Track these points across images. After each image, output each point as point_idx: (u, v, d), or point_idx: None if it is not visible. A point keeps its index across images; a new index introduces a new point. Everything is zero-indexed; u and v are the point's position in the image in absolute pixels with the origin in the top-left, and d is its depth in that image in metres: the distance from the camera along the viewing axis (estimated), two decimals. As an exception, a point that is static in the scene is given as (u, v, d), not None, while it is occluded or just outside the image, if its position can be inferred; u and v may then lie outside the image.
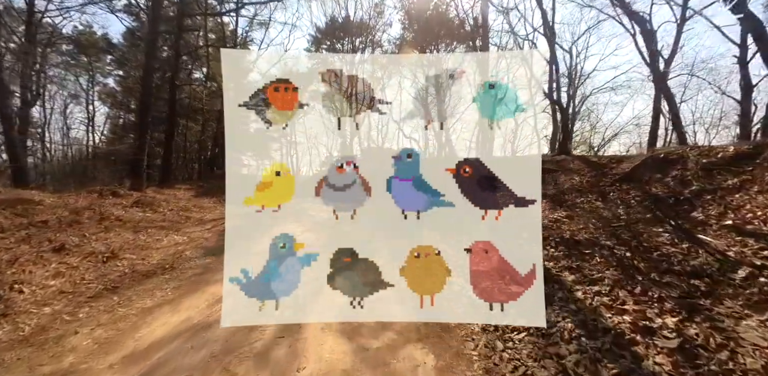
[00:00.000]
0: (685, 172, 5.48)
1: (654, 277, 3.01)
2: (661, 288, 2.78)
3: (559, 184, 8.05)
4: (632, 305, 2.57)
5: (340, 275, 1.93)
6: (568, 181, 7.97)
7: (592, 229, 4.75)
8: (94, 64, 19.77)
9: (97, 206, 6.36)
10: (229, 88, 2.59)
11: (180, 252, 5.22)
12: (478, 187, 1.89)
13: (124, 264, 4.40)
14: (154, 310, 3.29)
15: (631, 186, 6.11)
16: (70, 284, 3.70)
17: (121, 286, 3.83)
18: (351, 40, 18.30)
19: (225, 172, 2.12)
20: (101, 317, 3.15)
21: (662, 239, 4.02)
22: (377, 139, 14.99)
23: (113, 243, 4.91)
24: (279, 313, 1.90)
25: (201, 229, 7.27)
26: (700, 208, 4.62)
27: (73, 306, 3.32)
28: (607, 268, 3.36)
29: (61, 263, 3.96)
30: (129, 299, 3.55)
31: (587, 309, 2.68)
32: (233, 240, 2.06)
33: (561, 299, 2.96)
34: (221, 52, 2.26)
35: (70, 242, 4.43)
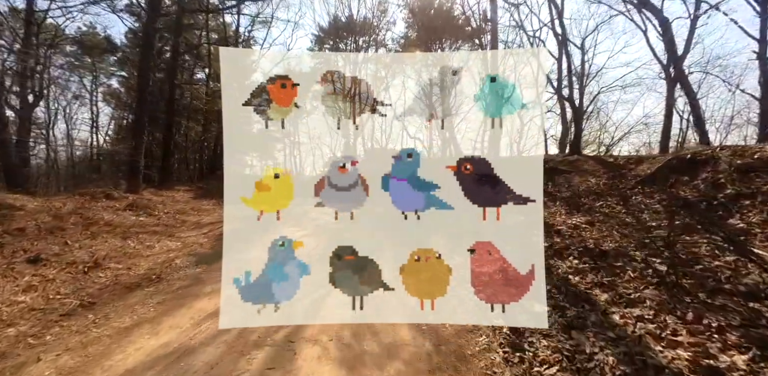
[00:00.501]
0: (716, 174, 5.03)
1: (703, 298, 2.59)
2: (717, 313, 2.36)
3: (573, 186, 7.61)
4: (686, 335, 2.16)
5: (340, 273, 1.92)
6: (583, 183, 7.52)
7: (618, 237, 4.32)
8: (98, 65, 19.66)
9: (85, 210, 6.03)
10: (228, 87, 2.42)
11: (170, 260, 4.87)
12: (479, 184, 1.89)
13: (107, 275, 4.05)
14: (132, 331, 2.93)
15: (655, 189, 5.66)
16: (43, 299, 3.36)
17: (99, 301, 3.48)
18: (354, 40, 17.98)
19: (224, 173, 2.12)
20: (71, 339, 2.79)
21: (700, 249, 3.59)
22: (381, 140, 14.63)
23: (98, 251, 4.58)
24: (278, 315, 1.89)
25: (197, 233, 6.94)
26: (738, 214, 4.18)
27: (41, 326, 2.97)
28: (644, 285, 2.95)
29: (35, 276, 3.62)
30: (106, 316, 3.19)
31: (630, 339, 2.27)
32: (232, 242, 2.04)
33: (595, 324, 2.55)
34: (220, 50, 2.21)
35: (48, 251, 4.09)
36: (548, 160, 9.33)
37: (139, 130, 10.23)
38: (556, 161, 9.21)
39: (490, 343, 2.62)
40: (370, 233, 2.04)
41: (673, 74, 9.53)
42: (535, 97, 6.71)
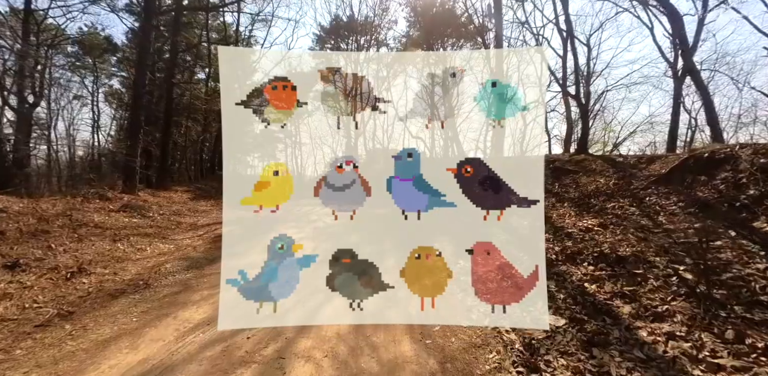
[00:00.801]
0: (737, 173, 4.74)
1: (740, 312, 2.32)
2: (759, 330, 2.09)
3: (581, 187, 7.33)
4: (729, 357, 1.89)
5: (339, 276, 1.88)
6: (592, 184, 7.24)
7: (634, 241, 4.05)
8: (99, 65, 19.57)
9: (75, 211, 5.81)
10: (227, 86, 2.35)
11: (161, 264, 4.63)
12: (480, 187, 1.87)
13: (90, 281, 3.82)
14: (110, 344, 2.69)
15: (671, 190, 5.38)
16: (17, 308, 3.12)
17: (78, 310, 3.24)
18: (356, 39, 17.74)
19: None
20: (42, 354, 2.55)
21: (726, 255, 3.32)
22: (383, 140, 14.39)
23: (84, 255, 4.35)
24: (277, 315, 1.85)
25: (191, 235, 6.71)
26: (764, 216, 3.90)
27: (12, 339, 2.73)
28: (671, 296, 2.67)
29: (11, 283, 3.39)
30: (84, 327, 2.96)
31: (662, 360, 2.01)
32: (231, 241, 2.01)
33: (620, 341, 2.28)
34: (219, 49, 2.19)
35: (29, 256, 3.87)
36: (554, 160, 9.02)
37: (134, 130, 10.02)
38: (563, 161, 8.86)
39: (501, 361, 2.36)
40: (370, 234, 2.02)
41: (682, 70, 9.24)
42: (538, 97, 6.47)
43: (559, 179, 7.92)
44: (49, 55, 15.26)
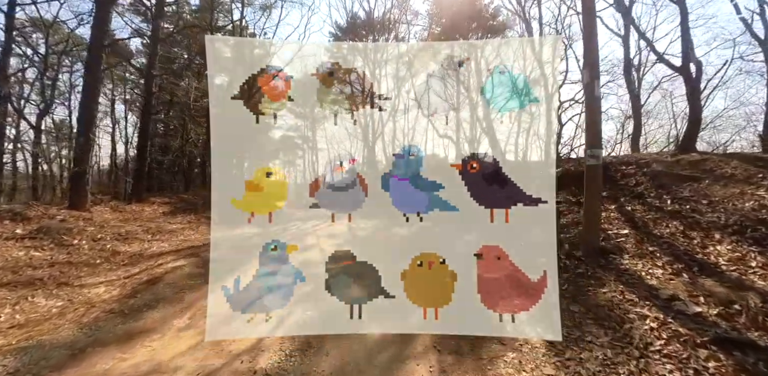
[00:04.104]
0: None
1: None
2: None
3: (721, 202, 4.49)
4: None
5: (337, 279, 1.79)
6: (744, 197, 4.44)
7: None
8: (114, 71, 19.57)
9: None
10: (215, 80, 2.17)
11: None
12: (486, 184, 1.78)
13: None
14: None
15: None
16: None
17: None
18: (374, 38, 17.01)
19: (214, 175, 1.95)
20: None
21: None
22: (403, 142, 13.93)
23: None
24: (269, 325, 1.76)
25: (117, 276, 4.28)
26: None
27: None
28: None
29: None
30: None
31: None
32: (220, 247, 1.91)
33: None
34: (206, 39, 1.99)
35: None
36: (653, 161, 6.63)
37: (86, 132, 8.23)
38: (666, 162, 6.38)
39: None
40: (369, 237, 1.94)
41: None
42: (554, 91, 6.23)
43: (668, 190, 5.35)
44: (62, 62, 15.30)
